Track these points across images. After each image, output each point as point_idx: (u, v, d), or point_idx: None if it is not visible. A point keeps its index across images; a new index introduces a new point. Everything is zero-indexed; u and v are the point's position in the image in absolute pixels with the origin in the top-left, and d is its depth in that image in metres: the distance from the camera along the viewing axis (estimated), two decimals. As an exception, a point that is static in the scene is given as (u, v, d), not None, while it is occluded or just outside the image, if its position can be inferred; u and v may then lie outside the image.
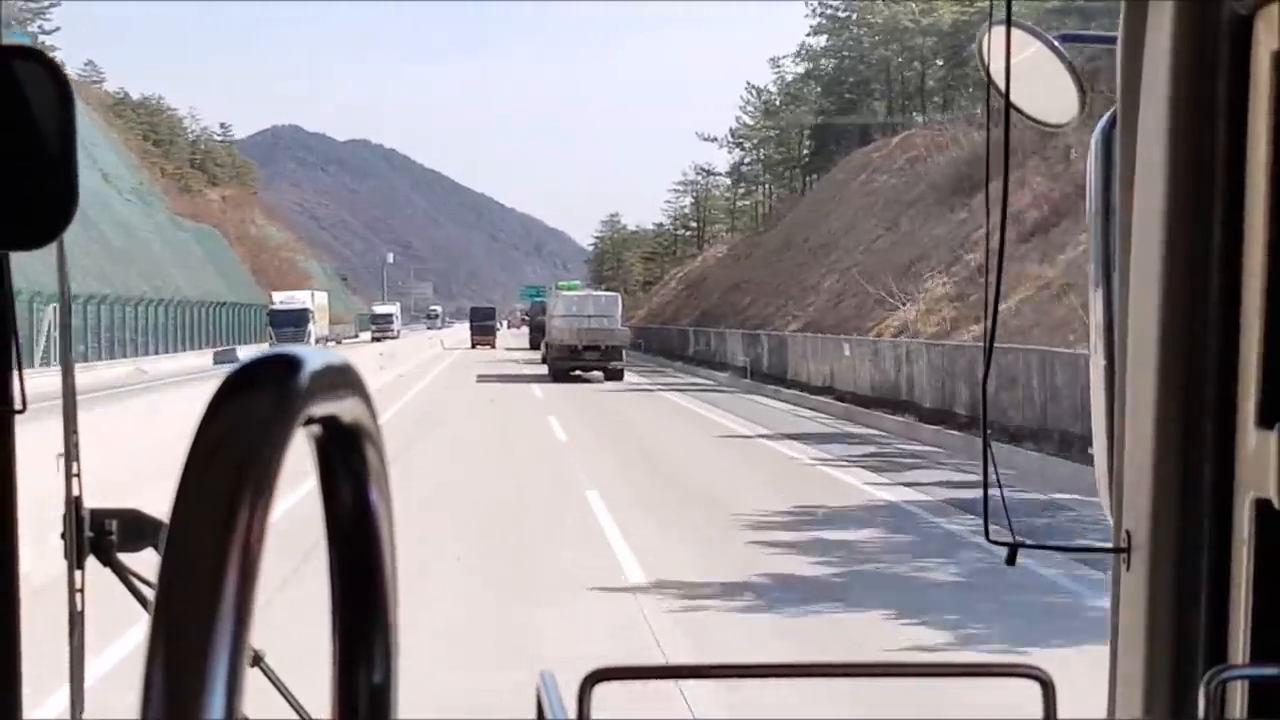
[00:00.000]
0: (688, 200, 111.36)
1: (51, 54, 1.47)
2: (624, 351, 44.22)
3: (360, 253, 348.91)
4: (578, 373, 42.58)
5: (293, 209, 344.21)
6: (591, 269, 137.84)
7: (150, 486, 4.81)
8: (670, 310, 77.08)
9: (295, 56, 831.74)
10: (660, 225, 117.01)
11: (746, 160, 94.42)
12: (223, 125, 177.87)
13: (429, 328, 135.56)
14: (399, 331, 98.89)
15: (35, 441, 2.51)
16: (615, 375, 42.59)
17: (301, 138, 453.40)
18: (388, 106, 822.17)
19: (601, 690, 1.05)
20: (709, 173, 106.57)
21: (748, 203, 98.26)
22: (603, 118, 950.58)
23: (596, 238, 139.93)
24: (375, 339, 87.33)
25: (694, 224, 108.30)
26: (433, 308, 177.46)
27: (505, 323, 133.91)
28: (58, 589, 2.17)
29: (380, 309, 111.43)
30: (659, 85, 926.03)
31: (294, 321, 71.05)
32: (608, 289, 75.28)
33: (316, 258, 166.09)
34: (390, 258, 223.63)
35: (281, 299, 78.08)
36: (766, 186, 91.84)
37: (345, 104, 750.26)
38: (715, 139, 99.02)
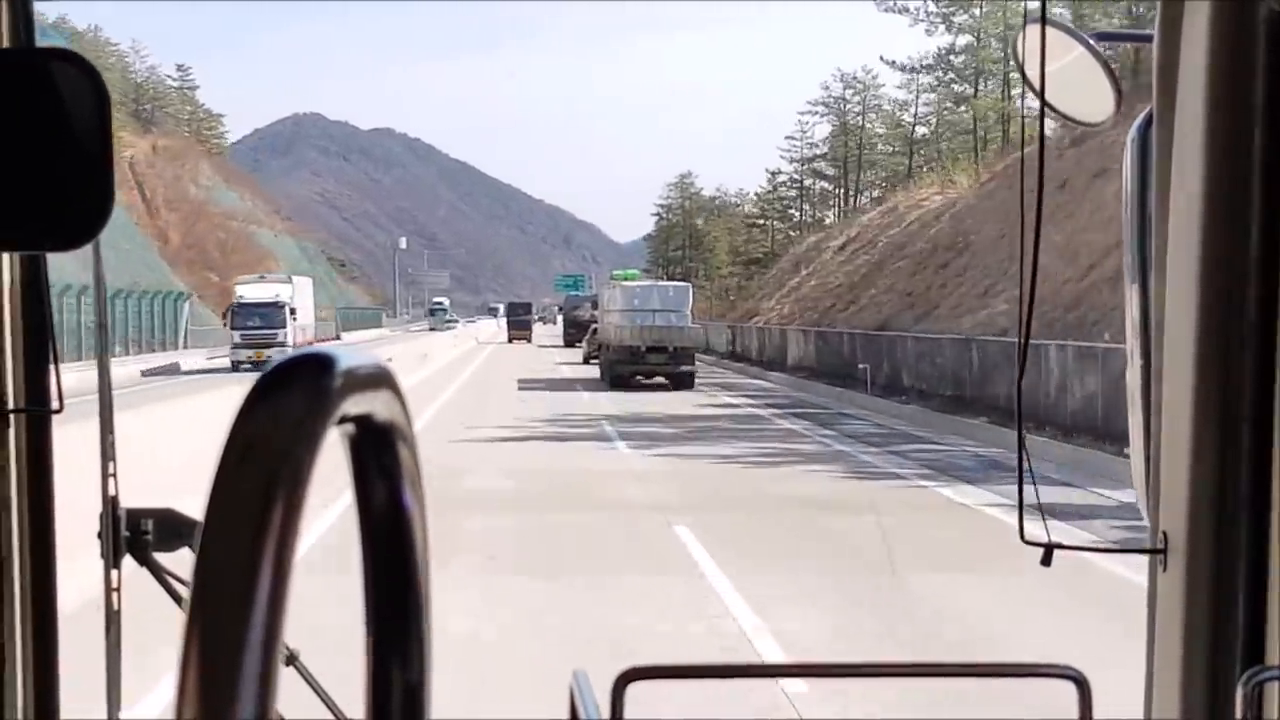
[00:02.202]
0: (822, 133, 77.32)
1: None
2: (694, 355, 38.75)
3: (382, 244, 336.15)
4: (639, 378, 37.38)
5: (314, 199, 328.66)
6: (653, 247, 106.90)
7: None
8: (876, 302, 43.78)
9: (318, 44, 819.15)
10: (775, 173, 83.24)
11: (958, 48, 61.42)
12: (179, 68, 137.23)
13: (431, 327, 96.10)
14: (295, 339, 49.36)
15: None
16: (684, 382, 37.07)
17: (323, 126, 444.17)
18: (413, 96, 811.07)
19: (635, 690, 1.04)
20: (890, 64, 70.24)
21: (930, 125, 67.03)
22: (636, 108, 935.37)
23: (661, 206, 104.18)
24: (236, 364, 45.80)
25: (835, 169, 75.70)
26: (436, 300, 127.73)
27: (540, 318, 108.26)
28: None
29: (249, 292, 51.41)
30: (695, 80, 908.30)
31: None
32: (679, 275, 59.34)
33: (293, 234, 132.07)
34: (403, 243, 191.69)
35: None
36: (1005, 79, 57.32)
37: (369, 93, 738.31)
38: (906, 9, 61.20)
